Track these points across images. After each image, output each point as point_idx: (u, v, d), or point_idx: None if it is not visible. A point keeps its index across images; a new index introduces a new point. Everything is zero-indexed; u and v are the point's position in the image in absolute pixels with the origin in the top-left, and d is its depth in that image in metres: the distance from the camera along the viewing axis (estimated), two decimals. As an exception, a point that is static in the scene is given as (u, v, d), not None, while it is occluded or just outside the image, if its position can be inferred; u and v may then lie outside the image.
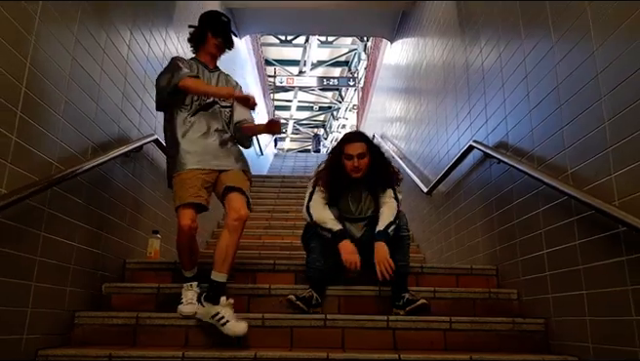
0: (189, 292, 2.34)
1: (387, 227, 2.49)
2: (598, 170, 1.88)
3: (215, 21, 2.58)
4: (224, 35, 2.58)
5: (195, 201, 2.29)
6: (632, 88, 1.69)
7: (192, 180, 2.32)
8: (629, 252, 1.69)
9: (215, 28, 2.56)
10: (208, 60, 2.61)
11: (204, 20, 2.60)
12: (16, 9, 1.78)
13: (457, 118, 3.68)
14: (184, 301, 2.30)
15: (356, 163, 2.55)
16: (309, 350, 2.07)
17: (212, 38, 2.56)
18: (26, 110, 1.86)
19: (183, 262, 2.40)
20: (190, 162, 2.35)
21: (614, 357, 1.77)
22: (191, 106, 2.44)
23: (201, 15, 2.62)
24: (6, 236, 1.76)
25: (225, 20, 2.61)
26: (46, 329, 2.07)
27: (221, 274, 2.23)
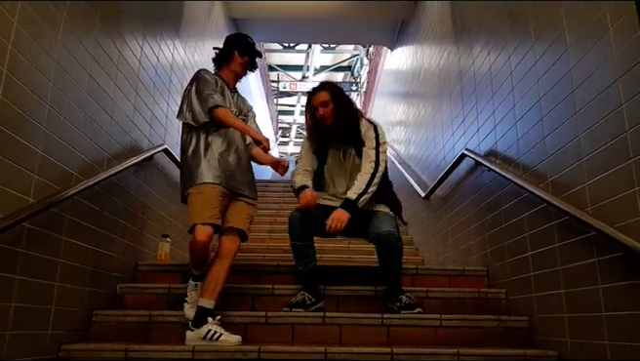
0: (194, 292, 2.46)
1: (358, 198, 2.51)
2: (574, 178, 2.04)
3: (242, 42, 2.67)
4: (251, 55, 2.67)
5: (214, 223, 2.35)
6: (601, 105, 1.86)
7: (213, 198, 2.37)
8: (599, 254, 1.86)
9: (242, 48, 2.65)
10: (230, 79, 2.68)
11: (231, 41, 2.70)
12: (39, 32, 1.96)
13: (452, 126, 3.85)
14: (189, 301, 2.45)
15: (321, 112, 2.62)
16: (309, 345, 2.24)
17: (238, 57, 2.64)
18: (50, 126, 2.04)
19: (193, 264, 2.50)
20: (211, 176, 2.40)
21: (587, 350, 1.93)
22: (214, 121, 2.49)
23: (228, 37, 2.75)
24: (34, 241, 1.95)
25: (252, 41, 2.72)
26: (67, 325, 2.25)
27: (210, 301, 2.30)
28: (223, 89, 2.60)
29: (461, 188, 3.56)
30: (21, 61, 1.83)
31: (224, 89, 2.61)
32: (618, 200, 1.75)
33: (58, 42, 2.08)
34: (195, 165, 2.43)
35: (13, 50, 1.77)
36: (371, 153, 2.60)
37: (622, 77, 1.74)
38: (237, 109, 2.63)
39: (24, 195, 1.88)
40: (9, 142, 1.77)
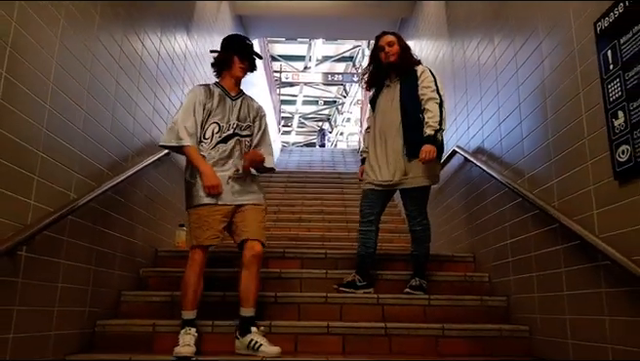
0: (187, 336, 2.29)
1: (436, 133, 2.74)
2: (545, 176, 2.34)
3: (241, 45, 2.63)
4: (250, 59, 2.65)
5: (213, 243, 2.42)
6: (567, 113, 2.14)
7: (210, 220, 2.39)
8: (563, 242, 2.16)
9: (241, 52, 2.61)
10: (231, 86, 2.64)
11: (229, 45, 2.64)
12: (72, 43, 2.25)
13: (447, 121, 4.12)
14: (181, 343, 2.25)
15: (387, 49, 2.99)
16: (313, 321, 2.56)
17: (238, 62, 2.60)
18: (86, 129, 2.33)
19: (186, 300, 2.38)
20: (204, 198, 2.41)
21: (551, 325, 2.24)
22: (212, 139, 2.51)
23: (224, 39, 2.70)
24: (75, 231, 2.25)
25: (250, 43, 2.69)
26: (101, 304, 2.56)
27: (248, 309, 2.36)
28: (223, 99, 2.59)
29: (453, 182, 3.86)
30: (64, 76, 2.13)
31: (223, 99, 2.59)
32: (577, 196, 2.05)
33: (90, 54, 2.36)
34: (192, 185, 2.47)
35: (57, 66, 2.06)
36: (431, 93, 2.84)
37: (582, 91, 2.02)
38: (238, 119, 2.58)
39: (67, 191, 2.18)
40: (54, 145, 2.07)
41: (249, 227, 2.45)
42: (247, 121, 2.63)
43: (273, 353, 2.23)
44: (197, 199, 2.44)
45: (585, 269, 1.98)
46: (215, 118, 2.55)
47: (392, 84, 3.03)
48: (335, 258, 3.34)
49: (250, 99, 2.75)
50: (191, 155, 2.47)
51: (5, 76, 1.72)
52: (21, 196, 1.85)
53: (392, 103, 2.96)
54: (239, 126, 2.59)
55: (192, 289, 2.38)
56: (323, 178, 7.87)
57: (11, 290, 1.82)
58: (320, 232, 5.46)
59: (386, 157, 2.93)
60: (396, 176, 2.88)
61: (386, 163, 2.92)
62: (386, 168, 2.91)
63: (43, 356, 2.04)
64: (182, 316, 2.36)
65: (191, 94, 2.58)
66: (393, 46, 3.00)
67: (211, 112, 2.55)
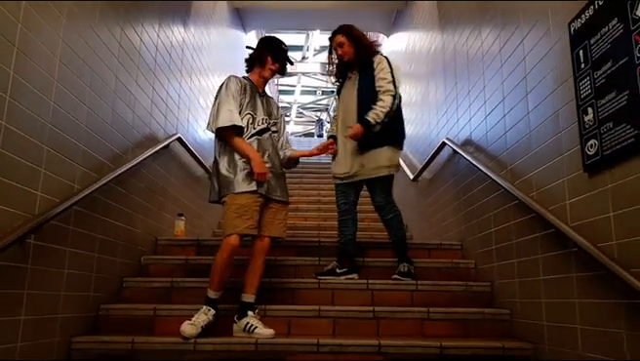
0: (203, 316, 2.38)
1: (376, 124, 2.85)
2: (525, 168, 2.46)
3: (277, 48, 2.72)
4: (283, 62, 2.74)
5: (250, 233, 2.47)
6: (546, 108, 2.26)
7: (249, 209, 2.46)
8: (540, 230, 2.29)
9: (276, 54, 2.70)
10: (260, 83, 2.74)
11: (265, 44, 2.75)
12: (77, 44, 2.35)
13: (437, 114, 4.24)
14: (192, 320, 2.35)
15: (339, 52, 3.06)
16: (306, 305, 2.70)
17: (271, 63, 2.70)
18: (89, 124, 2.45)
19: (214, 281, 2.44)
20: (246, 185, 2.48)
21: (530, 308, 2.38)
22: (247, 129, 2.60)
23: (262, 38, 2.85)
24: (79, 221, 2.38)
25: (285, 48, 2.77)
26: (105, 289, 2.70)
27: (250, 295, 2.51)
28: (253, 94, 2.68)
29: (443, 172, 3.98)
30: (66, 73, 2.24)
31: (254, 94, 2.69)
32: (553, 187, 2.17)
33: (90, 50, 2.46)
34: (232, 174, 2.51)
35: (60, 64, 2.17)
36: (387, 85, 2.91)
37: (559, 88, 2.14)
38: (267, 115, 2.70)
39: (71, 182, 2.30)
40: (59, 139, 2.18)
41: (275, 226, 2.63)
42: (273, 118, 2.77)
43: (267, 335, 2.36)
44: (239, 186, 2.48)
45: (559, 256, 2.11)
46: (247, 109, 2.64)
47: (353, 75, 3.12)
48: (327, 246, 3.47)
49: (272, 99, 2.87)
50: (239, 142, 2.54)
51: (13, 76, 1.83)
52: (29, 188, 1.97)
53: (352, 95, 3.05)
54: (269, 122, 2.71)
55: (221, 272, 2.44)
56: (320, 168, 7.97)
57: (21, 275, 1.95)
58: (316, 222, 5.60)
59: (345, 149, 3.02)
60: (354, 168, 2.98)
61: (344, 155, 3.02)
62: (344, 160, 3.02)
63: (51, 338, 2.17)
64: (207, 294, 2.45)
65: (229, 83, 2.62)
66: (344, 46, 3.05)
67: (243, 105, 2.63)
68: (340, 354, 2.29)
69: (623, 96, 1.68)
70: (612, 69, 1.75)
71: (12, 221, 1.85)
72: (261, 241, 2.59)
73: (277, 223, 2.64)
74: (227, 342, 2.33)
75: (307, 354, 2.28)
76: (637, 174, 1.62)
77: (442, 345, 2.29)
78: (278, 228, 2.65)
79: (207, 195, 2.76)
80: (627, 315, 1.66)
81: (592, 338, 1.86)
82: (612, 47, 1.76)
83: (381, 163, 2.95)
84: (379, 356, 2.28)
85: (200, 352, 2.30)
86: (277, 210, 2.65)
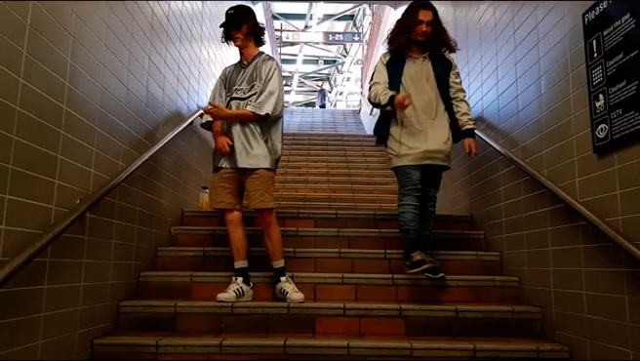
0: (233, 285, 2.66)
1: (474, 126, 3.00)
2: (536, 146, 2.64)
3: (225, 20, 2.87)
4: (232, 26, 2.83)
5: (220, 207, 2.77)
6: (558, 92, 2.42)
7: (215, 186, 2.79)
8: (550, 205, 2.49)
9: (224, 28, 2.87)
10: (242, 56, 2.92)
11: None
12: (123, 32, 2.49)
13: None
14: (227, 290, 2.62)
15: (424, 28, 2.88)
16: (329, 273, 2.92)
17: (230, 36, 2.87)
18: (129, 104, 2.60)
19: (232, 252, 2.77)
20: (215, 162, 2.83)
21: (538, 276, 2.61)
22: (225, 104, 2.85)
23: None
24: (124, 195, 2.56)
25: (232, 11, 2.85)
26: (143, 258, 2.91)
27: (277, 261, 2.74)
28: (238, 71, 2.90)
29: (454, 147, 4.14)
30: (110, 57, 2.38)
31: (239, 70, 2.90)
32: (563, 166, 2.36)
33: (129, 33, 2.59)
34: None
35: (106, 49, 2.31)
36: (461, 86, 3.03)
37: (571, 74, 2.30)
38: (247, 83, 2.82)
39: (116, 160, 2.48)
40: (107, 121, 2.35)
41: (251, 198, 2.73)
42: (253, 81, 2.81)
43: (297, 300, 2.60)
44: (213, 167, 2.85)
45: (567, 229, 2.32)
46: (232, 93, 2.85)
47: (419, 57, 2.97)
48: (344, 218, 3.68)
49: (263, 61, 2.86)
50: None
51: (70, 63, 1.98)
52: (85, 165, 2.15)
53: (426, 81, 2.93)
54: (241, 90, 2.83)
55: (233, 242, 2.77)
56: (326, 140, 8.13)
57: (80, 246, 2.15)
58: (326, 193, 5.79)
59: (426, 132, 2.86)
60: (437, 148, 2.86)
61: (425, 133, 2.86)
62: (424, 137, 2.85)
63: (103, 301, 2.39)
64: (234, 265, 2.76)
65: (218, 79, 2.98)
66: (430, 25, 2.91)
67: (233, 86, 2.86)
68: (365, 317, 2.52)
69: (633, 86, 1.84)
70: (622, 60, 1.91)
71: (72, 197, 2.03)
72: (259, 217, 2.78)
73: (251, 195, 2.71)
74: (262, 306, 2.56)
75: (335, 317, 2.52)
76: (643, 157, 1.80)
77: (457, 309, 2.52)
78: (253, 199, 2.70)
79: None
80: (629, 282, 1.87)
81: (596, 302, 2.08)
82: (623, 40, 1.91)
83: (450, 155, 2.94)
84: (399, 318, 2.51)
85: (237, 315, 2.53)
86: (250, 181, 2.72)
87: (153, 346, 2.23)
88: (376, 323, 2.52)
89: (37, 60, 1.75)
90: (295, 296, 2.61)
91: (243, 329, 2.50)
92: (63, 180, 1.96)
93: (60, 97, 1.93)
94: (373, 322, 2.52)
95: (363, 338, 2.41)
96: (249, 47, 2.90)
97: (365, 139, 8.36)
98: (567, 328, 2.31)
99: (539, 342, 2.33)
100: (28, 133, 1.71)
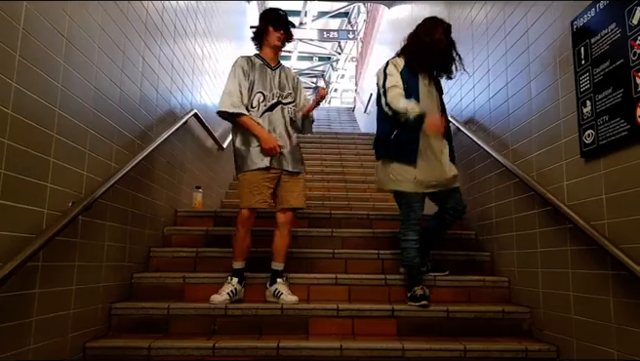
0: (228, 286, 2.66)
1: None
2: (526, 150, 2.67)
3: (275, 16, 2.85)
4: (285, 27, 2.86)
5: (261, 207, 2.70)
6: (548, 96, 2.45)
7: (259, 184, 2.68)
8: (538, 207, 2.52)
9: (276, 22, 2.83)
10: (271, 57, 2.89)
11: (264, 17, 2.90)
12: (116, 33, 2.49)
13: (440, 91, 4.40)
14: (220, 292, 2.62)
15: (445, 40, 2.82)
16: (322, 273, 2.95)
17: (274, 32, 2.83)
18: (121, 105, 2.61)
19: (235, 252, 2.73)
20: (257, 163, 2.69)
21: (527, 277, 2.65)
22: (259, 108, 2.76)
23: (261, 13, 2.99)
24: (117, 197, 2.57)
25: (283, 13, 2.90)
26: (135, 259, 2.92)
27: (279, 264, 2.74)
28: (264, 70, 2.83)
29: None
30: (105, 59, 2.39)
31: (265, 70, 2.84)
32: (552, 169, 2.39)
33: (123, 34, 2.60)
34: (245, 152, 2.73)
35: (99, 50, 2.32)
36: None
37: (559, 79, 2.33)
38: (279, 88, 2.84)
39: (109, 160, 2.48)
40: (99, 122, 2.35)
41: (293, 198, 2.77)
42: (287, 89, 2.89)
43: (291, 301, 2.61)
44: (249, 164, 2.71)
45: (555, 231, 2.36)
46: (258, 87, 2.81)
47: (426, 79, 2.84)
48: (338, 217, 3.71)
49: (287, 69, 3.00)
50: (247, 123, 2.72)
51: (64, 66, 1.99)
52: (77, 168, 2.15)
53: (433, 101, 2.83)
54: (281, 95, 2.85)
55: (239, 243, 2.73)
56: (320, 138, 8.14)
57: (73, 249, 2.15)
58: (320, 192, 5.81)
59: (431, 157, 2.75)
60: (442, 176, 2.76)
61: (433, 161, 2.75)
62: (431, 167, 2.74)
63: (96, 304, 2.40)
64: (233, 266, 2.74)
65: (235, 65, 2.82)
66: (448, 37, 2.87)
67: (254, 82, 2.81)
68: (358, 318, 2.55)
69: (619, 93, 1.88)
70: (609, 68, 1.94)
71: (65, 200, 2.04)
72: (284, 214, 2.79)
73: (296, 195, 2.79)
74: (255, 308, 2.58)
75: (329, 318, 2.54)
76: (628, 162, 1.83)
77: (448, 310, 2.56)
78: (297, 199, 2.79)
79: (217, 167, 2.96)
80: (614, 284, 1.91)
81: (583, 303, 2.12)
82: (610, 48, 1.94)
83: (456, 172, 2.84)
84: (392, 319, 2.54)
85: (230, 317, 2.55)
86: (294, 182, 2.80)
87: (146, 349, 2.24)
88: (368, 324, 2.54)
89: (30, 63, 1.76)
90: (289, 298, 2.63)
91: (237, 330, 2.52)
92: (56, 184, 1.97)
93: (53, 100, 1.93)
94: (366, 323, 2.55)
95: (356, 338, 2.44)
96: (279, 52, 2.95)
97: (359, 137, 8.38)
98: (554, 328, 2.35)
99: (527, 342, 2.38)
100: (21, 137, 1.72)
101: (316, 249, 3.25)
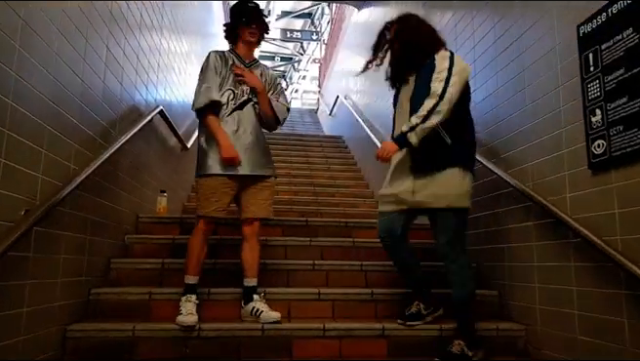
0: (189, 304, 2.37)
1: (409, 130, 2.19)
2: (521, 158, 2.57)
3: (244, 10, 2.63)
4: (257, 21, 2.63)
5: (218, 215, 2.45)
6: (545, 104, 2.35)
7: (217, 191, 2.44)
8: (536, 219, 2.42)
9: (247, 17, 2.61)
10: (246, 53, 2.68)
11: (233, 12, 2.67)
12: (79, 17, 2.18)
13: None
14: (184, 312, 2.32)
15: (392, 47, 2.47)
16: (303, 288, 2.73)
17: (245, 27, 2.62)
18: (84, 100, 2.30)
19: (189, 266, 2.44)
20: (217, 167, 2.45)
21: (521, 292, 2.54)
22: (228, 105, 2.54)
23: (230, 8, 2.74)
24: (77, 203, 2.25)
25: (253, 5, 2.66)
26: (94, 272, 2.59)
27: (251, 279, 2.50)
28: (226, 67, 2.61)
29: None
30: (64, 43, 2.07)
31: (229, 66, 2.62)
32: (552, 180, 2.28)
33: (86, 18, 2.28)
34: (205, 153, 2.50)
35: (58, 33, 2.01)
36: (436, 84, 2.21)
37: (561, 86, 2.23)
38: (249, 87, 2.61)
39: (68, 162, 2.17)
40: (59, 118, 2.04)
41: (255, 206, 2.53)
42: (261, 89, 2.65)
43: (273, 318, 2.37)
44: (208, 169, 2.48)
45: (556, 245, 2.25)
46: (228, 84, 2.59)
47: (411, 77, 2.43)
48: (315, 225, 3.50)
49: (265, 67, 2.81)
50: (211, 124, 2.51)
51: (19, 50, 1.68)
52: (31, 170, 1.84)
53: (405, 103, 2.41)
54: (253, 92, 2.62)
55: (196, 255, 2.45)
56: (284, 139, 7.91)
57: (24, 266, 1.84)
58: (288, 196, 5.59)
59: (395, 168, 2.43)
60: (405, 191, 2.34)
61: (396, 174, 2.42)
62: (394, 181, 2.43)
63: (48, 327, 2.07)
64: (185, 280, 2.45)
65: (206, 61, 2.61)
66: (393, 43, 2.46)
67: (225, 79, 2.59)
68: (346, 338, 2.35)
69: (636, 102, 1.78)
70: (624, 76, 1.85)
71: (17, 208, 1.73)
72: (249, 225, 2.55)
73: (261, 203, 2.55)
74: (233, 328, 2.32)
75: (314, 339, 2.33)
76: (645, 176, 1.74)
77: (442, 328, 2.41)
78: (261, 208, 2.54)
79: (180, 168, 2.70)
80: (628, 305, 1.81)
81: (591, 323, 2.02)
82: (625, 55, 1.85)
83: (444, 190, 2.25)
84: (382, 339, 2.36)
85: (205, 338, 2.29)
86: (260, 189, 2.56)
87: (109, 379, 1.95)
88: (357, 344, 2.35)
89: (-23, 45, 1.46)
90: (271, 314, 2.38)
91: (211, 354, 2.26)
92: (7, 189, 1.66)
93: (6, 89, 1.63)
94: (354, 343, 2.35)
95: (344, 361, 2.24)
96: (255, 46, 2.75)
97: (325, 140, 8.22)
98: (555, 347, 2.24)
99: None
100: (-36, 133, 1.41)
101: (294, 260, 3.03)
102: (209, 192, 2.46)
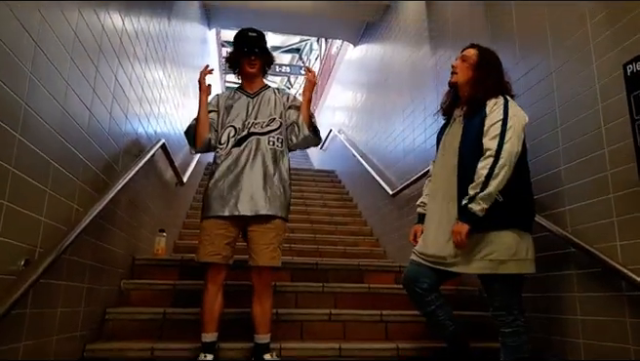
0: None
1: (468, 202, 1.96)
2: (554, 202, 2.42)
3: (244, 40, 2.42)
4: (259, 49, 2.42)
5: (213, 261, 2.21)
6: (585, 145, 2.23)
7: (211, 234, 2.23)
8: (577, 268, 2.25)
9: (247, 46, 2.40)
10: (248, 84, 2.49)
11: (234, 42, 2.47)
12: (90, 42, 1.99)
13: (424, 133, 4.19)
14: None
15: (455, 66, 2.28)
16: (321, 341, 2.49)
17: (244, 57, 2.41)
18: (90, 132, 2.08)
19: (203, 322, 2.22)
20: (212, 209, 2.26)
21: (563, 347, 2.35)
22: (228, 143, 2.35)
23: (234, 37, 2.53)
24: (77, 248, 2.00)
25: (254, 34, 2.43)
26: (89, 325, 2.31)
27: (264, 336, 2.24)
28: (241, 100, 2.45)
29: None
30: (78, 76, 1.87)
31: (241, 100, 2.45)
32: (597, 226, 2.14)
33: (98, 47, 2.10)
34: (209, 194, 2.31)
35: (72, 64, 1.81)
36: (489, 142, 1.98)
37: (606, 126, 2.11)
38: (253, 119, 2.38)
39: (71, 202, 1.93)
40: (65, 152, 1.82)
41: (257, 253, 2.23)
42: (267, 116, 2.41)
43: None
44: (206, 209, 2.29)
45: (611, 298, 2.08)
46: (230, 121, 2.40)
47: (459, 117, 2.22)
48: (325, 268, 3.28)
49: (273, 91, 2.53)
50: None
51: (30, 77, 1.47)
52: (34, 213, 1.60)
53: (452, 145, 2.18)
54: (256, 124, 2.38)
55: (208, 309, 2.20)
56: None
57: (19, 327, 1.58)
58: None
59: (438, 220, 2.14)
60: (446, 250, 2.06)
61: (435, 229, 2.14)
62: (434, 236, 2.13)
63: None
64: (203, 338, 2.20)
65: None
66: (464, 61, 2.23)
67: (226, 116, 2.42)
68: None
69: None
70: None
71: (16, 257, 1.48)
72: (257, 275, 2.25)
73: (263, 248, 2.21)
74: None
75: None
76: None
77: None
78: (263, 255, 2.20)
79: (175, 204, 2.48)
80: None
81: None
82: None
83: (495, 255, 1.99)
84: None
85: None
86: (263, 231, 2.23)
87: None
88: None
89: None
90: None
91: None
92: (7, 236, 1.43)
93: (15, 122, 1.41)
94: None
95: None
96: (259, 76, 2.52)
97: (318, 174, 8.06)
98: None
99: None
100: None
101: (306, 309, 2.79)
102: (203, 235, 2.25)
